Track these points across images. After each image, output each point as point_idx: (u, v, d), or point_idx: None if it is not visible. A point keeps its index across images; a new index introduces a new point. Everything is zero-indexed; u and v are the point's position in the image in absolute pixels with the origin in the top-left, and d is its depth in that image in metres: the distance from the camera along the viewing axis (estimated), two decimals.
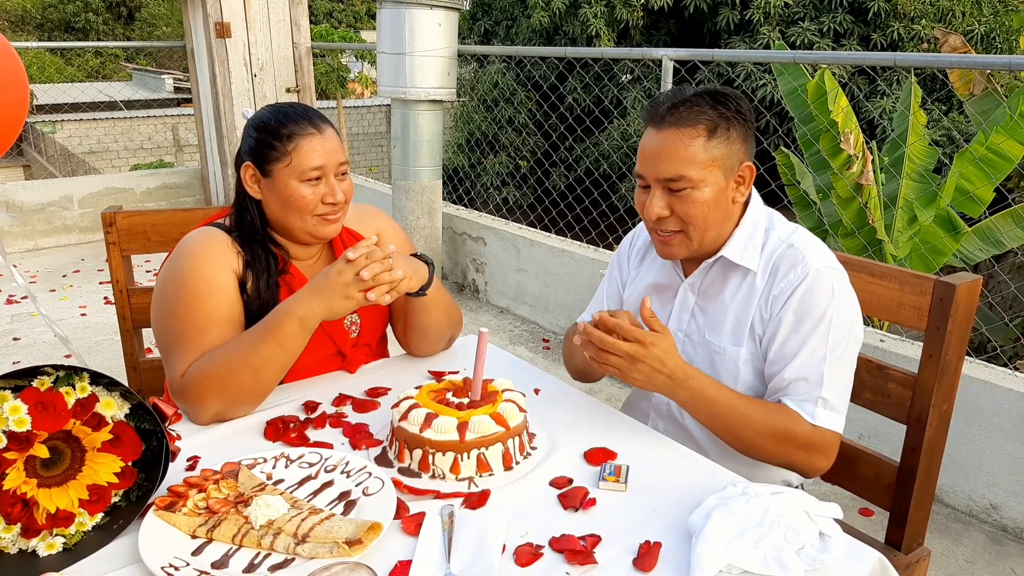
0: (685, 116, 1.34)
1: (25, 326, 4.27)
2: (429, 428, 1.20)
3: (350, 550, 1.00)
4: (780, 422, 1.33)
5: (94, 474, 1.07)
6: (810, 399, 1.34)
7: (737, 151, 1.37)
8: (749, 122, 1.39)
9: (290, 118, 1.47)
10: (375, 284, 1.34)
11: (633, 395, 1.67)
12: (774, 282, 1.38)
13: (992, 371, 2.58)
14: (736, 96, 1.39)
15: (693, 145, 1.33)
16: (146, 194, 6.37)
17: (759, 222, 1.44)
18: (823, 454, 1.35)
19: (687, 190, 1.34)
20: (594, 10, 7.43)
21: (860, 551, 1.06)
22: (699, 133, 1.33)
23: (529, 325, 4.38)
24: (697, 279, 1.48)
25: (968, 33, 6.91)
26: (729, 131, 1.35)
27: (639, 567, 1.01)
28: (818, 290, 1.34)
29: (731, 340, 1.43)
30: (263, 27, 5.89)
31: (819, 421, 1.34)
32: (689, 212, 1.36)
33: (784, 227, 1.44)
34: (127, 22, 26.27)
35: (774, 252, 1.40)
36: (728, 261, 1.42)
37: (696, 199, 1.35)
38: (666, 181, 1.35)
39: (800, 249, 1.38)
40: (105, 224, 1.83)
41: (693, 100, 1.35)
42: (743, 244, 1.41)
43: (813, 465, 1.36)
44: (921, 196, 4.02)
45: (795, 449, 1.34)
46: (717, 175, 1.35)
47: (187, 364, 1.38)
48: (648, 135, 1.39)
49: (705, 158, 1.34)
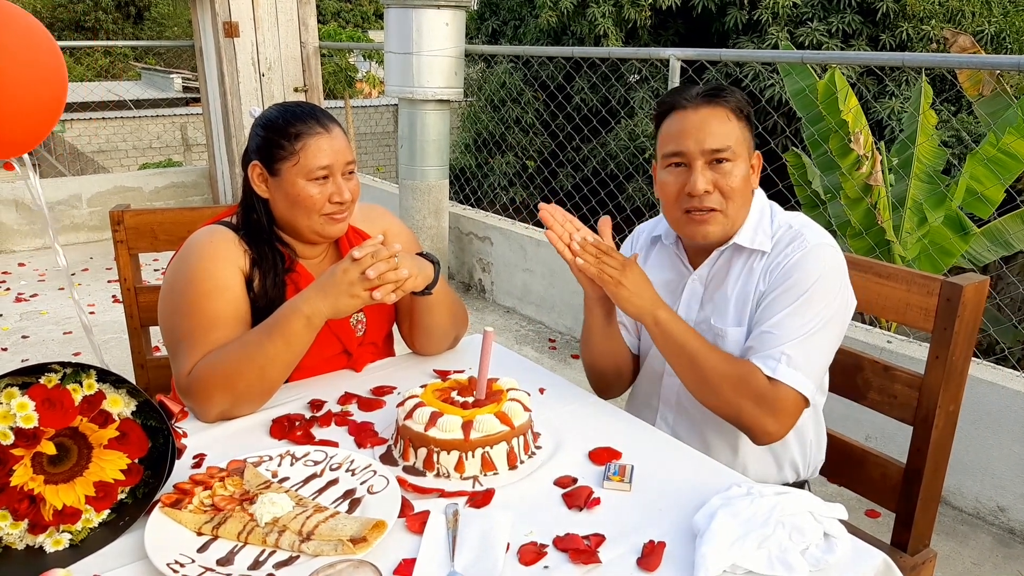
0: (721, 97, 1.42)
1: (34, 324, 4.29)
2: (434, 427, 1.20)
3: (354, 548, 1.00)
4: (741, 370, 1.35)
5: (100, 471, 1.08)
6: (772, 355, 1.35)
7: (751, 138, 1.46)
8: (752, 117, 1.48)
9: (298, 117, 1.47)
10: (381, 283, 1.34)
11: (640, 390, 1.67)
12: (775, 258, 1.42)
13: (999, 373, 2.57)
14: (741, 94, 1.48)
15: (731, 122, 1.41)
16: (154, 193, 6.40)
17: (765, 210, 1.49)
18: (774, 414, 1.33)
19: (728, 163, 1.40)
20: (602, 10, 7.41)
21: (865, 552, 1.05)
22: (731, 114, 1.42)
23: (535, 325, 4.38)
24: (706, 269, 1.51)
25: (978, 34, 6.87)
26: (747, 119, 1.44)
27: (643, 567, 1.01)
28: (810, 261, 1.37)
29: (733, 321, 1.45)
30: (271, 27, 5.91)
31: (779, 375, 1.33)
32: (731, 185, 1.40)
33: (784, 213, 1.50)
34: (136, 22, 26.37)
35: (775, 233, 1.45)
36: (737, 247, 1.46)
37: (736, 173, 1.41)
38: (712, 152, 1.40)
39: (798, 228, 1.43)
40: (113, 222, 1.84)
41: (721, 86, 1.44)
42: (753, 229, 1.46)
43: (761, 426, 1.34)
44: (930, 197, 4.00)
45: (747, 400, 1.33)
46: (746, 155, 1.43)
47: (193, 362, 1.38)
48: (680, 116, 1.43)
49: (740, 136, 1.42)
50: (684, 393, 1.52)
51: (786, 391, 1.33)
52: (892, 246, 3.90)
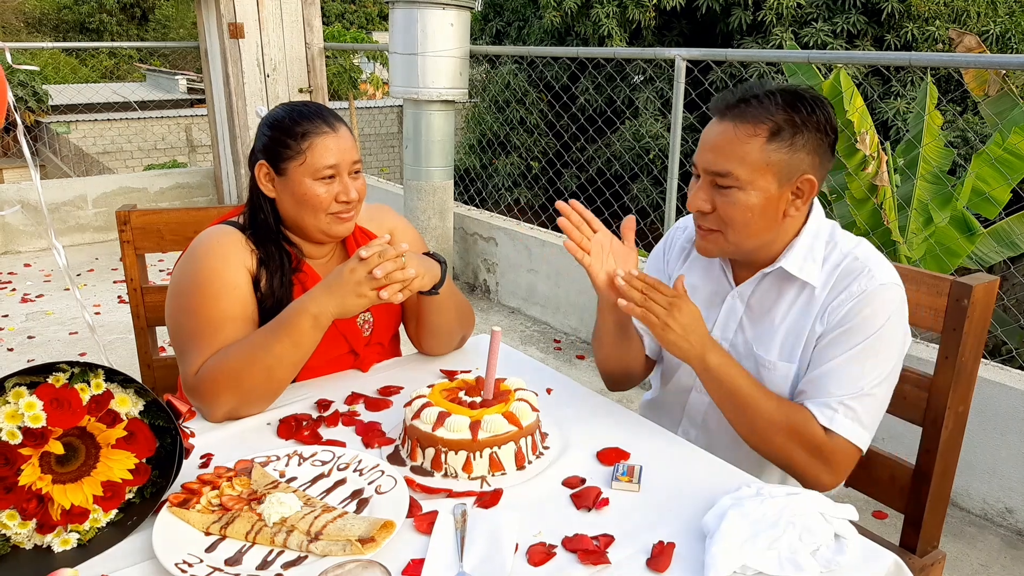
0: (749, 112, 1.27)
1: (40, 324, 4.30)
2: (442, 427, 1.20)
3: (363, 548, 1.00)
4: (795, 417, 1.27)
5: (108, 471, 1.08)
6: (830, 404, 1.27)
7: (800, 161, 1.27)
8: (824, 133, 1.29)
9: (304, 116, 1.47)
10: (388, 282, 1.34)
11: (663, 400, 1.61)
12: (836, 295, 1.30)
13: (1008, 373, 2.55)
14: (819, 103, 1.29)
15: (749, 144, 1.26)
16: (159, 194, 6.41)
17: (820, 233, 1.36)
18: (829, 466, 1.27)
19: (733, 189, 1.28)
20: (606, 10, 7.42)
21: (876, 553, 1.05)
22: (759, 132, 1.25)
23: (540, 325, 4.37)
24: (749, 288, 1.41)
25: (983, 34, 6.85)
26: (795, 137, 1.26)
27: (653, 567, 1.00)
28: (876, 304, 1.27)
29: (783, 356, 1.36)
30: (276, 28, 5.91)
31: (836, 427, 1.26)
32: (730, 213, 1.29)
33: (847, 240, 1.36)
34: (141, 23, 26.43)
35: (838, 265, 1.32)
36: (785, 272, 1.34)
37: (739, 201, 1.28)
38: (713, 175, 1.29)
39: (864, 262, 1.30)
40: (119, 223, 1.84)
41: (765, 97, 1.27)
42: (803, 256, 1.33)
43: (815, 476, 1.28)
44: (936, 197, 3.99)
45: (800, 450, 1.27)
46: (769, 181, 1.27)
47: (201, 362, 1.38)
48: (710, 125, 1.32)
49: (759, 160, 1.26)
50: (712, 412, 1.48)
51: (842, 443, 1.26)
52: (898, 247, 3.89)
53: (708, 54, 3.57)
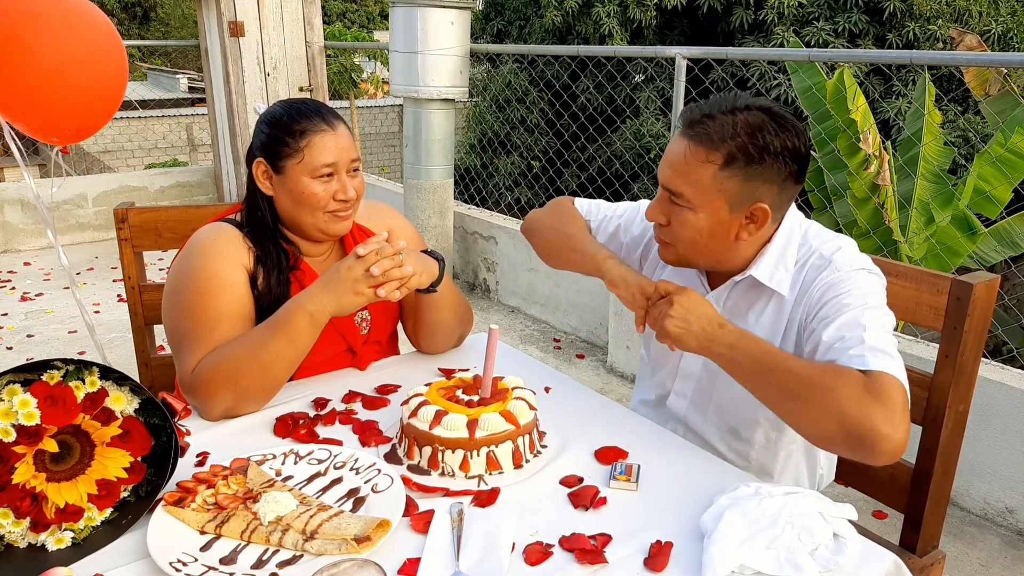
0: (709, 133, 1.25)
1: (39, 323, 4.29)
2: (439, 425, 1.19)
3: (359, 547, 0.99)
4: (832, 368, 1.15)
5: (103, 469, 1.07)
6: (859, 352, 1.15)
7: (754, 189, 1.25)
8: (784, 163, 1.25)
9: (303, 114, 1.46)
10: (385, 280, 1.33)
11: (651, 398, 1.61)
12: (803, 300, 1.29)
13: (1008, 373, 2.55)
14: (782, 127, 1.24)
15: (701, 168, 1.25)
16: (160, 192, 6.40)
17: (793, 238, 1.34)
18: (883, 405, 1.08)
19: (684, 208, 1.29)
20: (607, 9, 7.40)
21: (875, 553, 1.04)
22: (713, 159, 1.24)
23: (540, 325, 4.36)
24: (723, 294, 1.41)
25: (984, 33, 6.84)
26: (749, 167, 1.24)
27: (650, 567, 0.99)
28: (841, 280, 1.25)
29: None
30: (276, 26, 5.91)
31: (874, 365, 1.13)
32: (679, 232, 1.31)
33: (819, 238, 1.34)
34: (143, 23, 26.43)
35: (805, 266, 1.31)
36: (756, 280, 1.34)
37: (689, 221, 1.29)
38: (668, 191, 1.31)
39: (827, 256, 1.30)
40: (117, 220, 1.83)
41: (726, 118, 1.24)
42: (774, 263, 1.33)
43: (872, 425, 1.07)
44: (938, 197, 3.98)
45: (848, 396, 1.09)
46: (720, 206, 1.26)
47: (197, 359, 1.38)
48: (674, 138, 1.32)
49: (710, 186, 1.25)
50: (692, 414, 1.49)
51: (887, 379, 1.11)
52: (899, 246, 3.88)
53: (709, 52, 3.56)
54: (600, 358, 3.90)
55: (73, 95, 2.34)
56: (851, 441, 1.09)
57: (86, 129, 2.47)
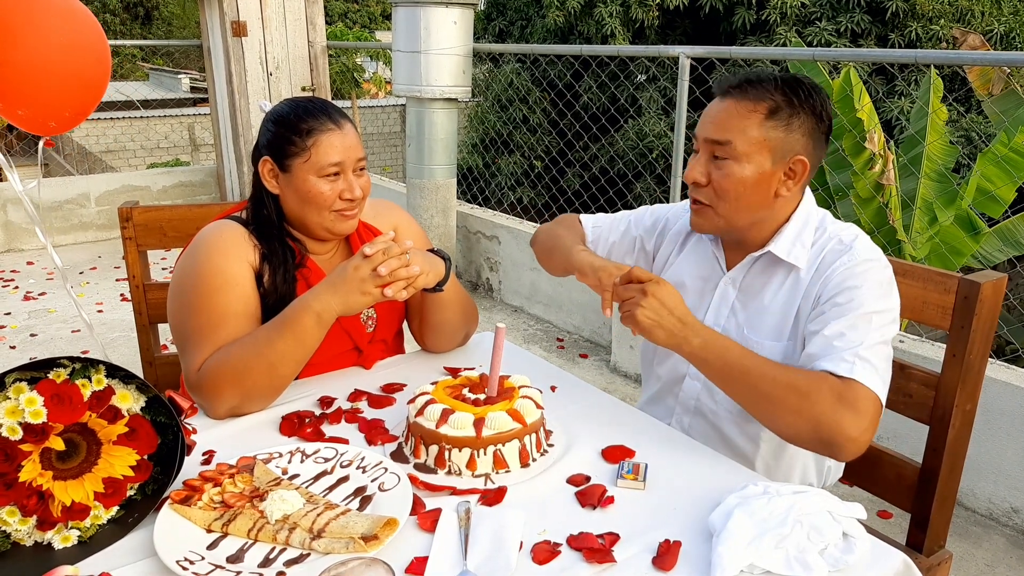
0: (750, 91, 1.33)
1: (42, 322, 4.29)
2: (445, 424, 1.19)
3: (366, 546, 0.99)
4: (806, 373, 1.23)
5: (110, 467, 1.07)
6: (845, 358, 1.22)
7: (795, 141, 1.33)
8: (819, 119, 1.34)
9: (309, 113, 1.46)
10: (392, 279, 1.33)
11: (655, 388, 1.62)
12: (821, 275, 1.33)
13: (1014, 372, 2.54)
14: (816, 90, 1.34)
15: (749, 118, 1.32)
16: (162, 192, 6.41)
17: (811, 220, 1.39)
18: (855, 412, 1.17)
19: (728, 160, 1.33)
20: (609, 9, 7.39)
21: (884, 552, 1.04)
22: (758, 109, 1.32)
23: (543, 324, 4.36)
24: (739, 273, 1.44)
25: (987, 33, 6.82)
26: (791, 118, 1.32)
27: (658, 566, 0.99)
28: (859, 273, 1.29)
29: (770, 335, 1.39)
30: (279, 26, 5.90)
31: (856, 374, 1.21)
32: (723, 184, 1.33)
33: (835, 224, 1.40)
34: (144, 23, 26.43)
35: (824, 248, 1.36)
36: (774, 257, 1.39)
37: (734, 172, 1.32)
38: (712, 143, 1.34)
39: (849, 242, 1.34)
40: (122, 219, 1.83)
41: (764, 79, 1.34)
42: (792, 240, 1.37)
43: (841, 429, 1.17)
44: (942, 196, 3.97)
45: (821, 401, 1.18)
46: (764, 157, 1.32)
47: (203, 358, 1.37)
48: (713, 103, 1.38)
49: (757, 135, 1.31)
50: (705, 398, 1.49)
51: (864, 391, 1.20)
52: (903, 245, 3.88)
53: (713, 52, 3.56)
54: (603, 358, 3.90)
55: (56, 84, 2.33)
56: (820, 442, 1.21)
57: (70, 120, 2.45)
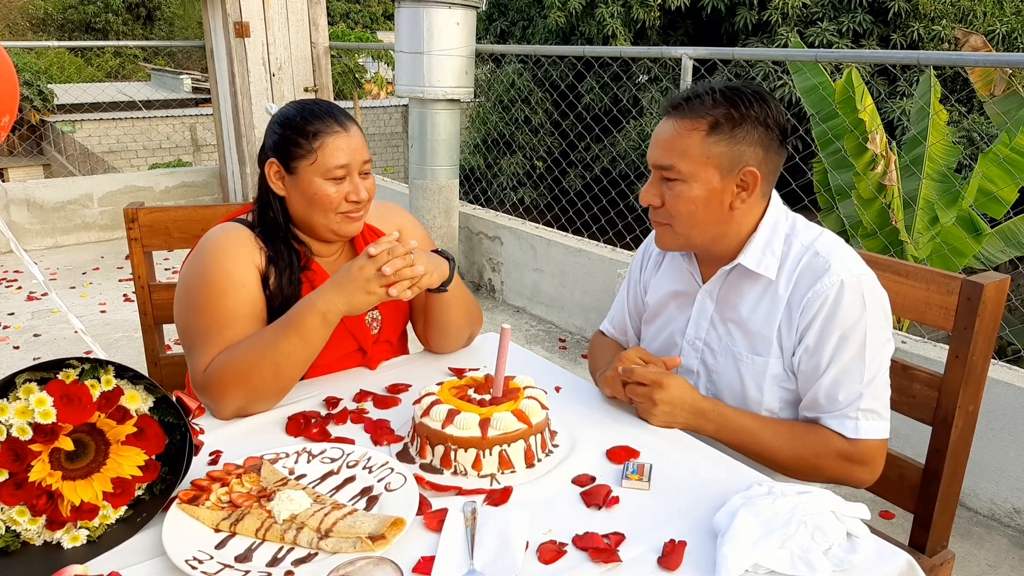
0: (691, 108, 1.32)
1: (46, 323, 4.30)
2: (451, 424, 1.20)
3: (373, 545, 1.00)
4: (813, 443, 1.33)
5: (118, 467, 1.07)
6: (848, 415, 1.31)
7: (742, 152, 1.30)
8: (766, 127, 1.31)
9: (316, 115, 1.47)
10: (397, 279, 1.34)
11: None
12: (800, 293, 1.32)
13: (1016, 373, 2.54)
14: (760, 98, 1.32)
15: (690, 137, 1.31)
16: (165, 192, 6.42)
17: (779, 228, 1.37)
18: (864, 466, 1.33)
19: (676, 182, 1.33)
20: (610, 10, 7.40)
21: (888, 552, 1.04)
22: (698, 127, 1.30)
23: (545, 325, 4.37)
24: (715, 286, 1.43)
25: (989, 33, 6.83)
26: (734, 130, 1.30)
27: (664, 566, 1.00)
28: (847, 302, 1.28)
29: (755, 350, 1.38)
30: (281, 27, 5.91)
31: (861, 433, 1.31)
32: (675, 207, 1.34)
33: (807, 232, 1.37)
34: (146, 23, 26.45)
35: (799, 260, 1.34)
36: (745, 269, 1.37)
37: (683, 194, 1.33)
38: (659, 168, 1.35)
39: (825, 257, 1.31)
40: (127, 220, 1.84)
41: (703, 94, 1.32)
42: (761, 250, 1.36)
43: (854, 478, 1.34)
44: (943, 196, 3.97)
45: (832, 465, 1.32)
46: (711, 173, 1.31)
47: (209, 359, 1.38)
48: (658, 124, 1.39)
49: (699, 153, 1.30)
50: None
51: (871, 444, 1.31)
52: (905, 246, 3.88)
53: (715, 53, 3.56)
54: None
55: None
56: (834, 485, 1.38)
57: None
